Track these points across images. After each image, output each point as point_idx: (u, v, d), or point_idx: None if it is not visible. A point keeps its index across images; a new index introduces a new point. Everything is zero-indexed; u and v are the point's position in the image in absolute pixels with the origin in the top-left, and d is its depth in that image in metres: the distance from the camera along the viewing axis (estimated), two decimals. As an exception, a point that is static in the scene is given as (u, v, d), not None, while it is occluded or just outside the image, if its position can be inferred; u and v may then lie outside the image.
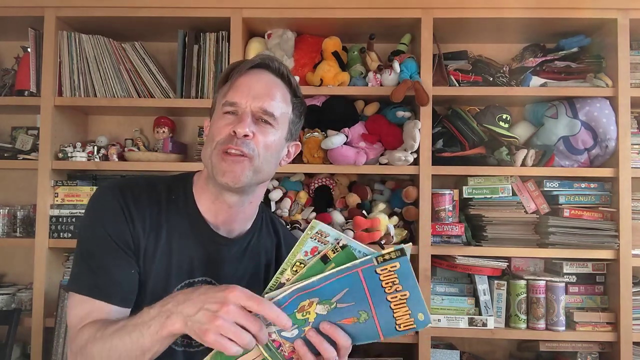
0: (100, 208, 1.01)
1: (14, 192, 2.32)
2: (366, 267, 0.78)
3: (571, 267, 2.05)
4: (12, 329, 1.96)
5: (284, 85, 1.06)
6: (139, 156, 2.10)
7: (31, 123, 2.31)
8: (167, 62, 2.27)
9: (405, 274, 0.79)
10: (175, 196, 1.06)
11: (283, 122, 1.04)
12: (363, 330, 0.83)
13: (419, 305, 0.81)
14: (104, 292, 0.96)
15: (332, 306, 0.81)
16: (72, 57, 2.09)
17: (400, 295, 0.80)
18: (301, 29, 2.16)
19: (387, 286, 0.79)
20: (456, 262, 1.98)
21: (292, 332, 0.82)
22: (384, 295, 0.80)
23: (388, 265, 0.78)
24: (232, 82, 1.02)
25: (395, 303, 0.81)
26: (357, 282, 0.79)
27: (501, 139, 2.03)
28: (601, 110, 2.00)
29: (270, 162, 1.03)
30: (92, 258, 0.99)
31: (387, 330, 0.83)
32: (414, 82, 1.97)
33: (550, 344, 2.00)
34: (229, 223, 1.08)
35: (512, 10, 1.98)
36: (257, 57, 1.07)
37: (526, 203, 2.05)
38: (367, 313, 0.82)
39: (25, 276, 2.25)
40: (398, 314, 0.82)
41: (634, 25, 1.97)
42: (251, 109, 0.99)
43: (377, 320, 0.82)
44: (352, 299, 0.81)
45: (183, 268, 1.03)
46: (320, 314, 0.82)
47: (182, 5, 2.02)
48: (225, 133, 0.99)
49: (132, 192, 1.02)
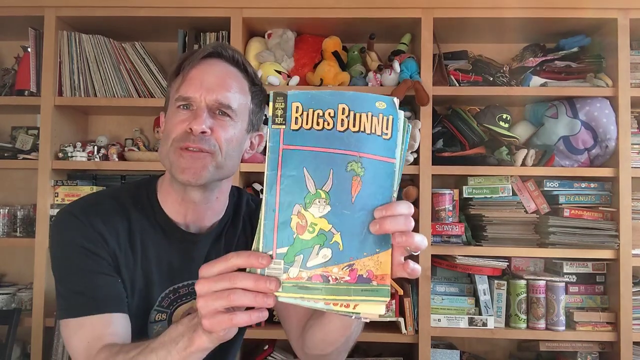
0: (67, 231, 0.95)
1: (14, 192, 2.32)
2: (281, 132, 0.64)
3: (571, 267, 2.06)
4: (12, 329, 1.96)
5: (240, 73, 0.98)
6: (139, 156, 2.10)
7: (31, 123, 2.31)
8: (167, 62, 2.27)
9: (311, 98, 0.64)
10: (141, 204, 1.01)
11: (242, 114, 0.97)
12: (377, 177, 0.65)
13: (367, 100, 0.64)
14: (98, 304, 0.91)
15: (322, 195, 0.64)
16: (72, 57, 2.09)
17: (344, 113, 0.64)
18: (301, 29, 2.16)
19: (314, 124, 0.64)
20: (456, 262, 1.98)
21: (320, 254, 0.64)
22: (332, 131, 0.64)
23: (278, 105, 0.64)
24: (184, 75, 0.94)
25: (346, 126, 0.64)
26: (294, 154, 0.64)
27: (501, 139, 2.03)
28: (601, 110, 2.00)
29: (233, 156, 0.97)
30: (72, 280, 0.93)
31: (386, 148, 0.65)
32: (414, 82, 1.97)
33: (550, 343, 2.00)
34: (199, 221, 1.03)
35: (512, 10, 1.98)
36: (209, 45, 0.99)
37: (526, 203, 2.05)
38: (354, 159, 0.64)
39: (25, 276, 2.25)
40: (368, 127, 0.64)
41: (634, 25, 1.97)
42: (206, 103, 0.93)
43: (369, 154, 0.64)
44: (321, 166, 0.64)
45: (164, 275, 1.00)
46: (325, 214, 0.64)
47: (182, 5, 2.02)
48: (180, 130, 0.92)
49: (96, 212, 0.96)
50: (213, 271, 0.66)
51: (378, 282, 0.65)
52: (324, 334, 0.89)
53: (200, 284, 0.66)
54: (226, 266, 0.65)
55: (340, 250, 0.64)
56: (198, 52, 0.96)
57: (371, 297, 0.65)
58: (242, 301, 0.64)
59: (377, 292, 0.65)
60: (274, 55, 2.09)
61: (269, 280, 0.63)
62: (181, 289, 1.02)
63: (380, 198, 0.65)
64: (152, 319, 1.01)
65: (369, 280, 0.65)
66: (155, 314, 1.01)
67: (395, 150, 0.65)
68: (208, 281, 0.65)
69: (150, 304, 1.00)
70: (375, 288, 0.65)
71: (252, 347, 2.10)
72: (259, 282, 0.63)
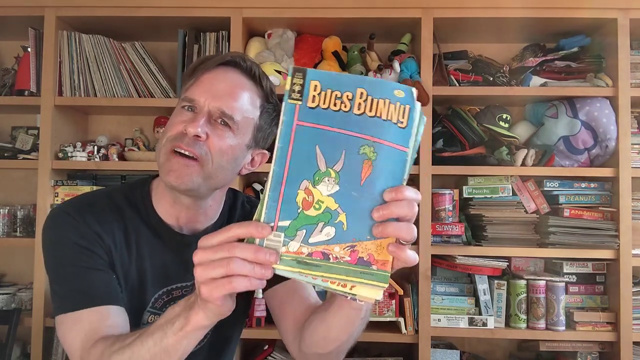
0: (60, 228, 0.94)
1: (14, 192, 2.31)
2: (296, 107, 0.63)
3: (571, 267, 2.06)
4: (12, 329, 1.96)
5: (255, 87, 0.96)
6: (139, 156, 2.10)
7: (31, 123, 2.31)
8: (167, 62, 2.27)
9: (330, 78, 0.63)
10: (135, 205, 1.00)
11: (245, 127, 0.95)
12: (388, 163, 0.64)
13: (386, 86, 0.64)
14: (94, 298, 0.90)
15: (332, 174, 0.64)
16: (72, 56, 2.09)
17: (362, 97, 0.63)
18: (301, 29, 2.16)
19: (331, 105, 0.64)
20: (456, 262, 1.98)
21: (324, 231, 0.64)
22: (349, 114, 0.63)
23: (297, 81, 0.63)
24: (197, 78, 0.94)
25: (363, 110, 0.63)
26: (308, 131, 0.63)
27: (501, 139, 2.03)
28: (601, 110, 2.00)
29: (226, 168, 0.95)
30: (67, 277, 0.92)
31: (401, 137, 0.64)
32: (414, 81, 1.97)
33: (550, 343, 2.00)
34: (192, 223, 1.02)
35: (512, 10, 1.99)
36: (229, 54, 0.98)
37: (526, 203, 2.05)
38: (368, 143, 0.63)
39: (25, 276, 2.24)
40: (384, 114, 0.63)
41: (634, 25, 1.97)
42: (209, 109, 0.92)
43: (383, 140, 0.63)
44: (334, 146, 0.64)
45: (157, 276, 0.99)
46: (333, 193, 0.64)
47: (182, 5, 2.02)
48: (177, 130, 0.92)
49: (91, 211, 0.95)
50: (212, 242, 0.65)
51: (378, 267, 0.65)
52: (326, 330, 0.87)
53: (199, 253, 0.65)
54: (227, 236, 0.64)
55: (344, 230, 0.64)
56: (216, 57, 0.96)
57: (369, 281, 0.65)
58: (241, 270, 0.63)
59: (375, 276, 0.65)
60: (274, 55, 2.09)
61: (269, 252, 0.63)
62: (174, 291, 1.01)
63: (391, 184, 0.65)
64: (144, 321, 1.00)
65: (369, 263, 0.65)
66: (148, 315, 1.00)
67: (410, 139, 0.64)
68: (206, 251, 0.65)
69: (143, 305, 0.99)
70: (374, 272, 0.65)
71: (252, 347, 2.10)
72: (259, 253, 0.63)
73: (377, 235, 0.65)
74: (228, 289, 0.64)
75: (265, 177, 2.17)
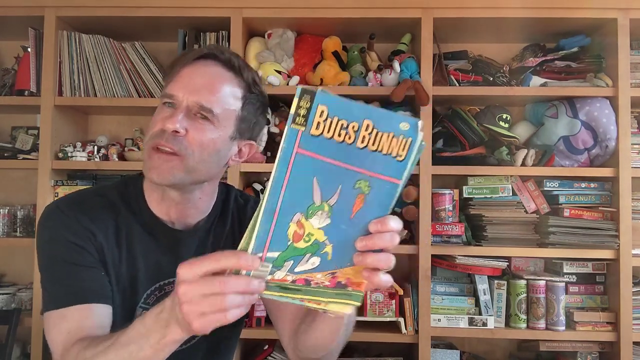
0: (53, 225, 0.95)
1: (14, 192, 2.31)
2: (299, 134, 0.61)
3: (571, 267, 2.06)
4: (12, 329, 1.96)
5: (235, 78, 0.95)
6: (139, 156, 2.10)
7: (31, 123, 2.31)
8: (167, 62, 2.25)
9: (338, 105, 0.61)
10: (128, 201, 1.01)
11: (226, 119, 0.94)
12: (379, 196, 0.64)
13: (393, 120, 0.61)
14: (80, 295, 0.90)
15: (326, 208, 0.63)
16: (72, 56, 2.09)
17: (367, 129, 0.61)
18: (301, 29, 2.16)
19: (335, 135, 0.61)
20: (456, 262, 1.98)
21: (310, 261, 0.65)
22: (352, 146, 0.62)
23: (303, 104, 0.60)
24: (176, 73, 0.94)
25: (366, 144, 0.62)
26: (307, 161, 0.61)
27: (501, 139, 2.03)
28: (601, 110, 2.00)
29: (208, 161, 0.95)
30: (56, 273, 0.92)
31: (396, 170, 0.63)
32: (414, 81, 1.97)
33: (550, 343, 2.00)
34: (183, 218, 1.02)
35: (512, 10, 1.99)
36: (207, 47, 0.98)
37: (526, 203, 2.05)
38: (364, 178, 0.63)
39: (25, 276, 2.24)
40: (386, 148, 0.62)
41: (634, 25, 1.97)
42: (187, 104, 0.92)
43: (379, 174, 0.63)
44: (331, 179, 0.62)
45: (150, 272, 1.00)
46: (324, 226, 0.64)
47: (182, 5, 2.02)
48: (158, 127, 0.93)
49: (84, 208, 0.96)
50: (197, 272, 0.63)
51: (353, 288, 0.68)
52: (314, 339, 0.91)
53: (184, 287, 0.63)
54: (214, 267, 0.63)
55: (328, 260, 0.66)
56: (194, 51, 0.96)
57: (343, 300, 0.68)
58: (235, 303, 0.63)
59: (350, 296, 0.68)
60: (274, 55, 2.09)
61: (258, 281, 0.64)
62: (167, 287, 1.02)
63: (378, 214, 0.65)
64: (137, 316, 0.99)
65: (345, 286, 0.68)
66: (141, 311, 1.00)
67: (404, 172, 0.64)
68: (192, 285, 0.63)
69: (135, 301, 0.99)
70: (349, 292, 0.68)
71: (252, 347, 2.10)
72: (251, 285, 0.64)
73: (357, 264, 0.66)
74: (223, 322, 0.64)
75: (266, 178, 2.15)
